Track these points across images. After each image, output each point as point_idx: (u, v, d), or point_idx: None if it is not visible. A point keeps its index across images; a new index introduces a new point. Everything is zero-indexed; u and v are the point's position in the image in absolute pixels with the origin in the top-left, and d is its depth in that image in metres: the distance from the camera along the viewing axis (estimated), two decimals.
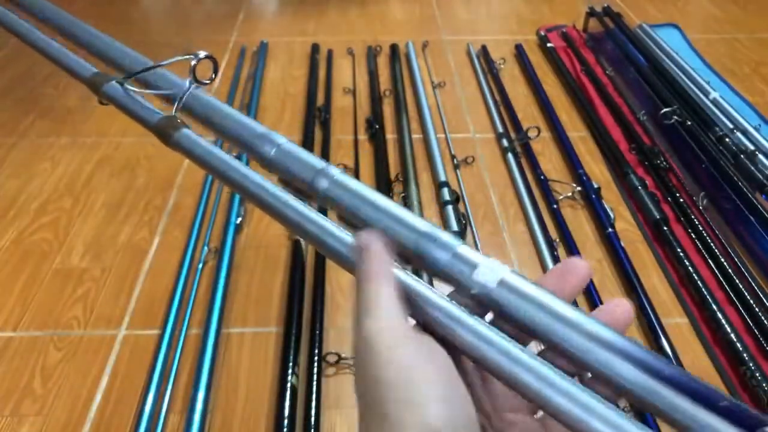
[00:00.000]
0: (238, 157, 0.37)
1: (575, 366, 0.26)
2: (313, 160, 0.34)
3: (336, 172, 0.33)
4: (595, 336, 0.25)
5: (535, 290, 0.27)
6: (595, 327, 0.25)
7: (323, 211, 0.33)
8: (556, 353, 0.26)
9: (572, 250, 0.98)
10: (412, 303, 0.28)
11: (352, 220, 0.32)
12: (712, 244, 0.97)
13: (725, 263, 0.94)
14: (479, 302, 0.28)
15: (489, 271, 0.28)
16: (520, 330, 0.27)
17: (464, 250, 0.29)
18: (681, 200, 1.06)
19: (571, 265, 0.29)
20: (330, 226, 0.31)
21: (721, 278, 0.93)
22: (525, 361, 0.25)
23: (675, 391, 0.23)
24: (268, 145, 0.35)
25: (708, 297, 0.88)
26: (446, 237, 0.29)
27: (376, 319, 0.26)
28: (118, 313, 0.89)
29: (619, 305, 0.28)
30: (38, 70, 1.51)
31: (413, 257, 0.30)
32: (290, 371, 0.78)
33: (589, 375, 0.26)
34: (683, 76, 1.35)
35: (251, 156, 0.36)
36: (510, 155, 1.20)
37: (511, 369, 0.25)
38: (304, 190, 0.34)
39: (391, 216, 0.31)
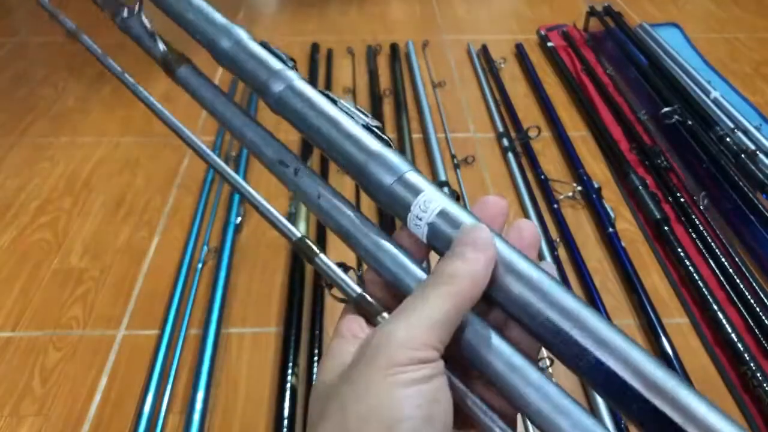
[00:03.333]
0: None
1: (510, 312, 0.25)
2: (271, 60, 0.32)
3: (293, 76, 0.31)
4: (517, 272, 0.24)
5: (472, 220, 0.26)
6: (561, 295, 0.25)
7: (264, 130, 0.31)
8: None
9: (572, 249, 0.98)
10: (463, 339, 0.25)
11: (302, 129, 0.30)
12: (712, 244, 0.97)
13: (726, 263, 0.93)
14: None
15: (430, 201, 0.26)
16: None
17: (413, 176, 0.27)
18: (682, 200, 1.05)
19: (488, 200, 0.27)
20: (325, 192, 0.30)
21: (721, 278, 0.92)
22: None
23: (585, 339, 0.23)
24: (225, 39, 0.33)
25: (709, 297, 0.88)
26: (396, 160, 0.28)
27: (414, 326, 0.23)
28: (118, 313, 0.88)
29: (525, 228, 0.27)
30: (38, 70, 1.51)
31: (358, 176, 0.28)
32: (290, 371, 0.78)
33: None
34: (684, 76, 1.34)
35: (208, 49, 0.34)
36: (510, 155, 1.19)
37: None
38: (260, 93, 0.32)
39: (343, 131, 0.29)
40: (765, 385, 0.76)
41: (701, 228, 1.00)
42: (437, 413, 0.22)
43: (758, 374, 0.78)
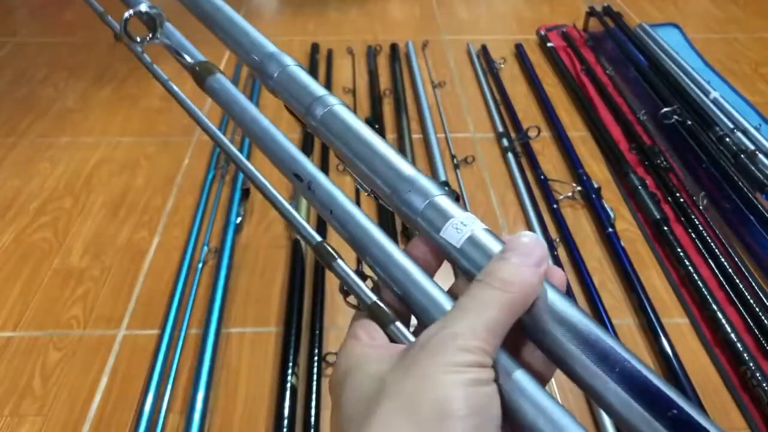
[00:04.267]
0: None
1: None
2: (314, 85, 0.34)
3: (334, 101, 0.33)
4: (557, 312, 0.24)
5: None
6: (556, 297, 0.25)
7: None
8: None
9: (572, 249, 0.98)
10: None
11: (340, 152, 0.31)
12: (712, 244, 0.97)
13: (725, 263, 0.93)
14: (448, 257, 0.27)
15: (460, 226, 0.27)
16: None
17: (442, 200, 0.28)
18: (681, 200, 1.06)
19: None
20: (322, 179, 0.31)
21: (721, 278, 0.93)
22: None
23: (628, 392, 0.22)
24: (274, 65, 0.35)
25: (708, 297, 0.88)
26: (426, 183, 0.28)
27: (469, 331, 0.23)
28: (118, 313, 0.89)
29: (554, 274, 0.27)
30: (38, 70, 1.51)
31: (392, 202, 0.29)
32: (290, 371, 0.78)
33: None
34: (683, 76, 1.34)
35: (255, 73, 0.36)
36: (510, 155, 1.19)
37: None
38: (301, 116, 0.33)
39: (379, 155, 0.30)
40: (764, 384, 0.76)
41: (701, 228, 1.00)
42: (491, 416, 0.23)
43: (757, 374, 0.78)
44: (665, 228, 1.00)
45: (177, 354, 0.82)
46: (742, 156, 1.09)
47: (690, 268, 0.93)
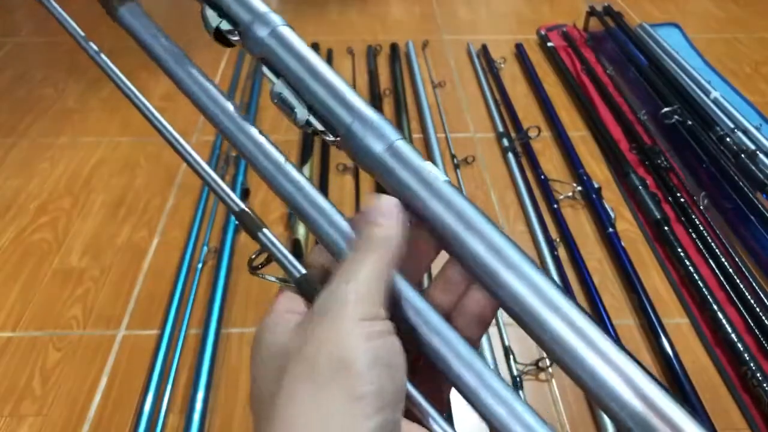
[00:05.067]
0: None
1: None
2: (256, 2, 0.30)
3: (278, 20, 0.29)
4: (532, 283, 0.24)
5: (468, 207, 0.26)
6: (527, 269, 0.25)
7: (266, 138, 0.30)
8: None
9: (572, 249, 0.98)
10: (395, 304, 0.26)
11: (285, 77, 0.28)
12: (712, 244, 0.97)
13: (726, 263, 0.93)
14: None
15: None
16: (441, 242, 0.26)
17: (402, 145, 0.27)
18: (682, 200, 1.05)
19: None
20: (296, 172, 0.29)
21: (721, 278, 0.92)
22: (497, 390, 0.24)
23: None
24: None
25: (708, 297, 0.88)
26: (386, 127, 0.27)
27: (360, 297, 0.24)
28: (118, 313, 0.88)
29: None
30: (38, 70, 1.51)
31: (344, 138, 0.27)
32: None
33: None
34: (684, 76, 1.34)
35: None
36: (510, 155, 1.19)
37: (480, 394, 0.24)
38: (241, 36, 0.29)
39: (332, 88, 0.27)
40: (765, 384, 0.76)
41: (701, 228, 1.00)
42: (395, 365, 0.24)
43: (758, 374, 0.78)
44: (666, 228, 1.00)
45: (177, 354, 0.81)
46: (742, 156, 1.09)
47: (690, 268, 0.93)
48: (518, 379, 0.79)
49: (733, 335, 0.83)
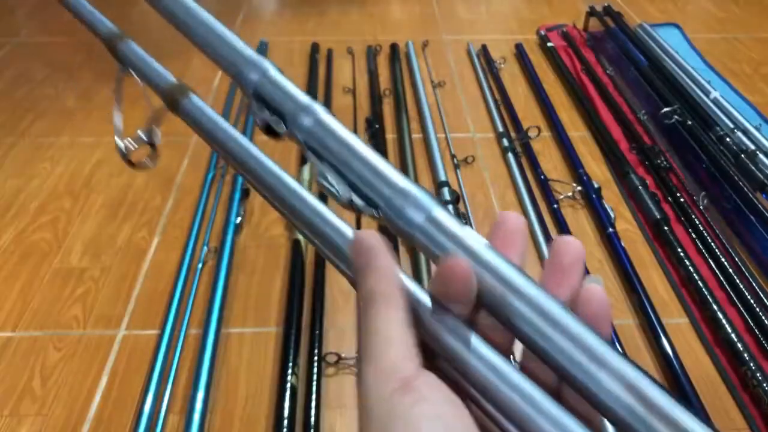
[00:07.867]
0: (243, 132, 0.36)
1: (550, 366, 0.24)
2: (299, 94, 0.31)
3: (320, 110, 0.30)
4: (579, 340, 0.23)
5: (512, 272, 0.25)
6: (580, 329, 0.23)
7: (323, 199, 0.31)
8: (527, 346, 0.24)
9: None
10: (417, 320, 0.25)
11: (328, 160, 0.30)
12: (712, 244, 0.97)
13: (726, 263, 0.93)
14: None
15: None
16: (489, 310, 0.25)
17: (440, 214, 0.27)
18: (681, 200, 1.05)
19: (507, 219, 0.27)
20: (330, 215, 0.29)
21: (721, 278, 0.92)
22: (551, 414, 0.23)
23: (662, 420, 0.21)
24: (254, 72, 0.32)
25: (708, 297, 0.88)
26: (421, 196, 0.27)
27: (382, 366, 0.23)
28: (118, 313, 0.88)
29: (591, 291, 0.25)
30: (38, 70, 1.51)
31: (386, 215, 0.28)
32: (290, 371, 0.78)
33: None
34: (684, 76, 1.34)
35: (234, 80, 0.33)
36: (510, 155, 1.19)
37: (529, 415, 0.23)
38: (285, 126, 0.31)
39: (371, 166, 0.28)
40: (765, 384, 0.76)
41: (701, 228, 1.00)
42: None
43: (758, 374, 0.78)
44: (665, 228, 1.00)
45: (177, 354, 0.81)
46: (742, 156, 1.09)
47: (690, 268, 0.93)
48: None
49: (733, 335, 0.83)
